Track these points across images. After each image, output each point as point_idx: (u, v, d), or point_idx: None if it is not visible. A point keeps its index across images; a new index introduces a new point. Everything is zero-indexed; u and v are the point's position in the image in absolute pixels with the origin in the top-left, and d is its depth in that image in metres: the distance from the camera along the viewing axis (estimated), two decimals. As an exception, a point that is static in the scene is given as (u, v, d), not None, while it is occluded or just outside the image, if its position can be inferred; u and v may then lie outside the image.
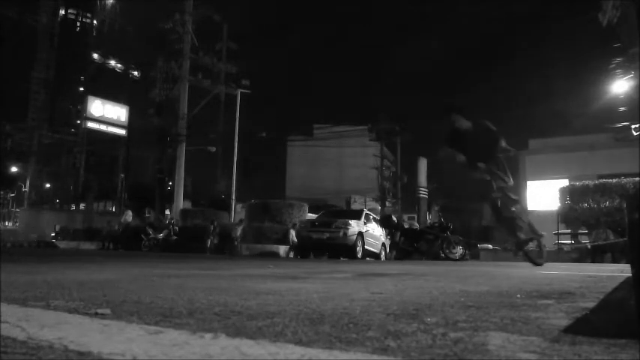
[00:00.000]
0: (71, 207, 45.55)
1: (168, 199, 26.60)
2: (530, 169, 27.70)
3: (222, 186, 31.47)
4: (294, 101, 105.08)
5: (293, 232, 17.17)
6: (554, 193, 15.87)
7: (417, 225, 18.23)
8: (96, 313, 1.46)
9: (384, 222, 15.93)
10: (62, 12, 58.61)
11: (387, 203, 32.92)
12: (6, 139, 48.68)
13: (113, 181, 46.16)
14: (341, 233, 13.25)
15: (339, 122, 41.19)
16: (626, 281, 3.11)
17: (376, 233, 15.28)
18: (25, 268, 4.26)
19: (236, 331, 1.22)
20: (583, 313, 1.68)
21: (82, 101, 47.63)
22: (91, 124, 44.53)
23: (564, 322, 1.45)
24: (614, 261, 12.07)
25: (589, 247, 13.67)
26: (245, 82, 27.77)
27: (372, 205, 33.70)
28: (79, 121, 49.66)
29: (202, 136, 29.81)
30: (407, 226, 15.96)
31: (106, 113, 44.97)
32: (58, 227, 29.15)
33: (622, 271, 4.81)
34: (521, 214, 6.02)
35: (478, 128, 5.61)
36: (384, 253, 15.74)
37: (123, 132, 44.93)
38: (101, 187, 43.43)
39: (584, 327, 1.42)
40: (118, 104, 46.16)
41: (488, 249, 18.53)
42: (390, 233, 15.19)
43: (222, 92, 28.77)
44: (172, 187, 26.15)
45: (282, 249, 18.34)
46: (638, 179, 14.24)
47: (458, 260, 12.42)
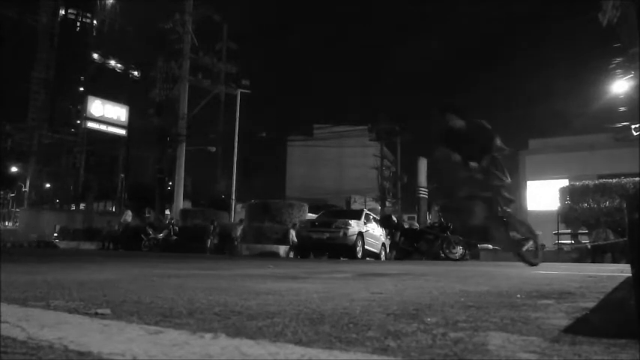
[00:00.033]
0: (71, 207, 45.57)
1: (169, 199, 26.61)
2: (530, 169, 27.74)
3: (222, 186, 31.48)
4: (294, 101, 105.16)
5: (293, 232, 17.18)
6: (554, 193, 15.88)
7: (417, 225, 18.24)
8: (96, 313, 1.46)
9: (384, 222, 15.94)
10: (62, 12, 58.61)
11: (387, 203, 32.93)
12: (6, 139, 48.70)
13: (113, 181, 46.18)
14: (341, 233, 13.26)
15: (339, 122, 41.26)
16: (626, 281, 3.11)
17: (376, 233, 15.28)
18: (25, 268, 4.26)
19: (236, 331, 1.22)
20: (583, 313, 1.67)
21: (82, 101, 47.66)
22: (91, 124, 44.57)
23: (564, 322, 1.45)
24: (614, 261, 12.07)
25: (589, 247, 13.69)
26: (245, 82, 27.82)
27: (372, 205, 33.71)
28: (79, 121, 49.68)
29: (202, 136, 29.86)
30: (407, 226, 15.97)
31: (106, 113, 45.01)
32: (58, 227, 29.16)
33: (622, 271, 4.82)
34: (516, 214, 6.01)
35: (472, 127, 5.61)
36: (384, 253, 15.74)
37: (123, 132, 44.97)
38: (101, 187, 43.43)
39: (584, 327, 1.42)
40: (118, 104, 46.20)
41: (488, 249, 18.52)
42: (390, 233, 15.20)
43: (222, 92, 28.80)
44: (172, 187, 26.16)
45: (282, 249, 18.35)
46: (638, 179, 14.25)
47: (458, 260, 12.43)
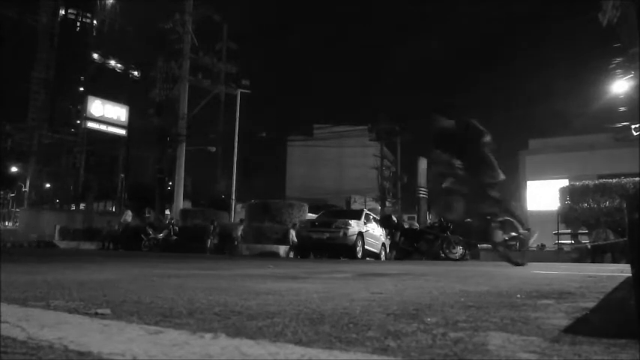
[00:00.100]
0: (71, 207, 45.50)
1: (169, 199, 26.60)
2: (530, 169, 27.73)
3: (222, 186, 31.47)
4: (294, 101, 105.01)
5: (293, 232, 17.17)
6: (554, 193, 15.88)
7: (417, 225, 18.22)
8: (96, 313, 1.46)
9: (384, 222, 15.94)
10: (62, 12, 58.52)
11: (387, 203, 32.91)
12: (6, 139, 48.65)
13: (113, 181, 46.14)
14: (341, 233, 13.25)
15: (339, 122, 41.23)
16: (626, 281, 3.11)
17: (376, 233, 15.28)
18: (25, 268, 4.26)
19: (236, 331, 1.22)
20: (583, 313, 1.67)
21: (82, 101, 47.58)
22: (91, 124, 44.50)
23: (564, 322, 1.45)
24: (614, 261, 12.07)
25: (589, 247, 13.68)
26: (245, 82, 27.80)
27: (372, 205, 33.69)
28: (79, 121, 49.60)
29: (202, 136, 29.84)
30: (407, 226, 15.97)
31: (106, 113, 44.95)
32: (58, 228, 29.14)
33: (622, 271, 4.81)
34: (506, 213, 6.02)
35: (460, 125, 5.62)
36: (384, 253, 15.74)
37: (123, 132, 44.93)
38: (101, 187, 43.38)
39: (584, 327, 1.42)
40: (118, 104, 46.13)
41: (488, 249, 18.51)
42: (390, 233, 15.20)
43: (222, 92, 28.79)
44: (172, 187, 26.15)
45: (282, 249, 18.34)
46: (638, 179, 14.24)
47: (458, 260, 12.44)
